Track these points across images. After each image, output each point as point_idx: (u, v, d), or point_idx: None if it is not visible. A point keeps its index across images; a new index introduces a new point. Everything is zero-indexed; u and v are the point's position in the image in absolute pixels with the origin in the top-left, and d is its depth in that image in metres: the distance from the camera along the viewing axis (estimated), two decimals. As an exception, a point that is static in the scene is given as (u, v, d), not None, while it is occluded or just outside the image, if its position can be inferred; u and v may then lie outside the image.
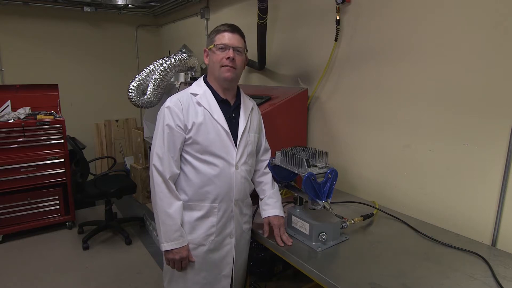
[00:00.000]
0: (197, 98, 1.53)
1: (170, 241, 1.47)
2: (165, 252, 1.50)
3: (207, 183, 1.51)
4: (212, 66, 1.55)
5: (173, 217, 1.47)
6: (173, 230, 1.47)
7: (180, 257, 1.49)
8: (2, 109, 3.54)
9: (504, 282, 1.24)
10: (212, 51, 1.53)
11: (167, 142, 1.47)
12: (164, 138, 1.47)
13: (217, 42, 1.51)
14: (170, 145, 1.47)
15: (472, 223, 1.64)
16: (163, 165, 1.47)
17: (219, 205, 1.54)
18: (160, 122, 1.49)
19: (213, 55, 1.52)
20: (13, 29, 4.24)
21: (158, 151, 1.47)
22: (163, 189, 1.47)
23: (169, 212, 1.46)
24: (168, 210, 1.46)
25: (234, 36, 1.52)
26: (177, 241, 1.48)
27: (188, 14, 4.25)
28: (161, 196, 1.47)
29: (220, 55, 1.50)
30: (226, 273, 1.62)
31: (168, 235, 1.47)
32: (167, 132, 1.47)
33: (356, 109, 2.17)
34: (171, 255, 1.49)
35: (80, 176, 3.24)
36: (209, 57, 1.56)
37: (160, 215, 1.47)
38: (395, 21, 1.89)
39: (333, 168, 1.52)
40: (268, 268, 1.95)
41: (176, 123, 1.47)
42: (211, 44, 1.53)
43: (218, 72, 1.52)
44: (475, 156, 1.61)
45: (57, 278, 2.81)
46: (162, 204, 1.47)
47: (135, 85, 3.00)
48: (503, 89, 1.49)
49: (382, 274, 1.29)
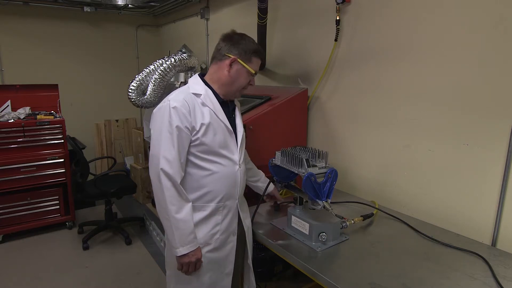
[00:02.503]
0: (201, 99, 1.49)
1: (185, 245, 1.42)
2: (180, 257, 1.44)
3: (214, 183, 1.50)
4: (234, 82, 1.54)
5: (186, 220, 1.41)
6: (188, 234, 1.42)
7: (196, 258, 1.46)
8: (2, 109, 3.53)
9: (504, 282, 1.24)
10: (245, 70, 1.53)
11: (177, 144, 1.40)
12: (174, 141, 1.39)
13: (254, 67, 1.55)
14: (180, 148, 1.41)
15: (472, 223, 1.64)
16: (172, 168, 1.39)
17: (225, 204, 1.54)
18: (165, 123, 1.40)
19: (244, 76, 1.54)
20: (13, 29, 4.24)
21: (166, 154, 1.38)
22: (173, 193, 1.39)
23: (181, 217, 1.41)
24: (181, 215, 1.40)
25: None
26: (192, 243, 1.43)
27: (188, 14, 4.25)
28: (172, 201, 1.39)
29: (247, 79, 1.55)
30: (229, 271, 1.62)
31: (183, 240, 1.41)
32: (176, 134, 1.39)
33: (356, 109, 2.17)
34: (187, 259, 1.44)
35: (80, 176, 3.24)
36: (236, 71, 1.52)
37: (173, 220, 1.40)
38: (395, 21, 1.89)
39: (333, 168, 1.52)
40: (268, 268, 1.95)
41: (184, 124, 1.40)
42: (247, 62, 1.52)
43: (235, 90, 1.57)
44: (475, 156, 1.61)
45: (57, 278, 2.81)
46: (174, 209, 1.40)
47: (135, 85, 3.00)
48: (503, 89, 1.49)
49: (382, 274, 1.29)
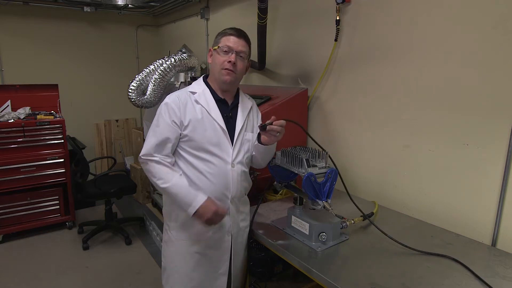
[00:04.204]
0: (195, 96, 1.55)
1: (190, 204, 1.45)
2: (195, 217, 1.46)
3: (202, 180, 1.52)
4: (214, 66, 1.57)
5: (180, 184, 1.47)
6: (185, 194, 1.46)
7: (210, 211, 1.45)
8: (2, 109, 3.53)
9: (504, 282, 1.25)
10: (216, 52, 1.55)
11: (159, 134, 1.49)
12: (156, 131, 1.50)
13: (221, 44, 1.53)
14: (160, 137, 1.49)
15: (472, 223, 1.65)
16: (148, 150, 1.49)
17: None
18: (156, 117, 1.53)
19: (216, 57, 1.55)
20: (13, 29, 4.24)
21: (146, 143, 1.50)
22: (161, 167, 1.48)
23: (170, 184, 1.46)
24: (169, 183, 1.46)
25: (240, 41, 1.54)
26: (196, 198, 1.45)
27: (188, 14, 4.25)
28: (161, 174, 1.47)
29: (222, 57, 1.52)
30: (223, 271, 1.62)
31: (185, 201, 1.46)
32: (161, 125, 1.49)
33: (356, 109, 2.17)
34: (202, 217, 1.46)
35: (80, 176, 3.24)
36: (212, 58, 1.58)
37: (171, 189, 1.46)
38: (395, 21, 1.89)
39: (333, 168, 1.52)
40: (268, 268, 1.95)
41: (172, 119, 1.49)
42: (216, 45, 1.55)
43: (218, 73, 1.54)
44: (475, 156, 1.62)
45: (57, 278, 2.81)
46: (160, 182, 1.47)
47: (135, 85, 3.00)
48: (503, 89, 1.49)
49: (382, 274, 1.29)
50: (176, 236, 1.60)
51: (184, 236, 1.58)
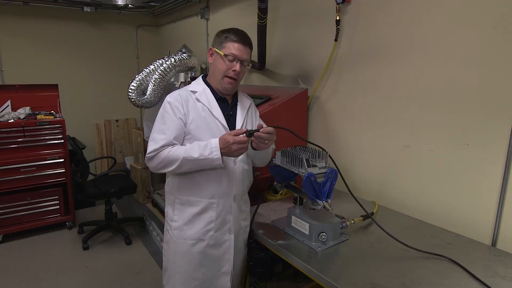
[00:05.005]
0: (196, 95, 1.55)
1: (213, 150, 1.39)
2: (223, 154, 1.40)
3: (205, 179, 1.52)
4: (215, 69, 1.55)
5: (189, 146, 1.44)
6: (200, 145, 1.42)
7: (229, 143, 1.37)
8: (2, 109, 3.53)
9: (504, 282, 1.25)
10: (219, 56, 1.52)
11: (165, 128, 1.47)
12: (162, 127, 1.48)
13: (227, 51, 1.50)
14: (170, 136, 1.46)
15: (472, 223, 1.65)
16: (160, 141, 1.45)
17: (218, 201, 1.55)
18: (159, 115, 1.52)
19: (220, 61, 1.52)
20: (13, 29, 4.25)
21: (155, 140, 1.46)
22: (165, 150, 1.44)
23: (184, 149, 1.43)
24: (182, 149, 1.43)
25: (245, 49, 1.51)
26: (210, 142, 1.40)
27: (188, 14, 4.25)
28: (169, 154, 1.43)
29: (227, 65, 1.50)
30: (226, 270, 1.62)
31: (203, 149, 1.40)
32: (167, 121, 1.47)
33: (356, 109, 2.18)
34: (228, 151, 1.39)
35: (80, 176, 3.24)
36: (214, 60, 1.56)
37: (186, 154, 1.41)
38: (395, 21, 1.89)
39: (333, 168, 1.52)
40: (268, 268, 1.95)
41: (177, 115, 1.48)
42: (220, 48, 1.52)
43: (220, 79, 1.53)
44: (475, 156, 1.62)
45: (57, 278, 2.81)
46: (177, 153, 1.42)
47: (135, 85, 3.00)
48: (503, 89, 1.49)
49: (382, 274, 1.29)
50: (177, 236, 1.59)
51: (185, 236, 1.58)
